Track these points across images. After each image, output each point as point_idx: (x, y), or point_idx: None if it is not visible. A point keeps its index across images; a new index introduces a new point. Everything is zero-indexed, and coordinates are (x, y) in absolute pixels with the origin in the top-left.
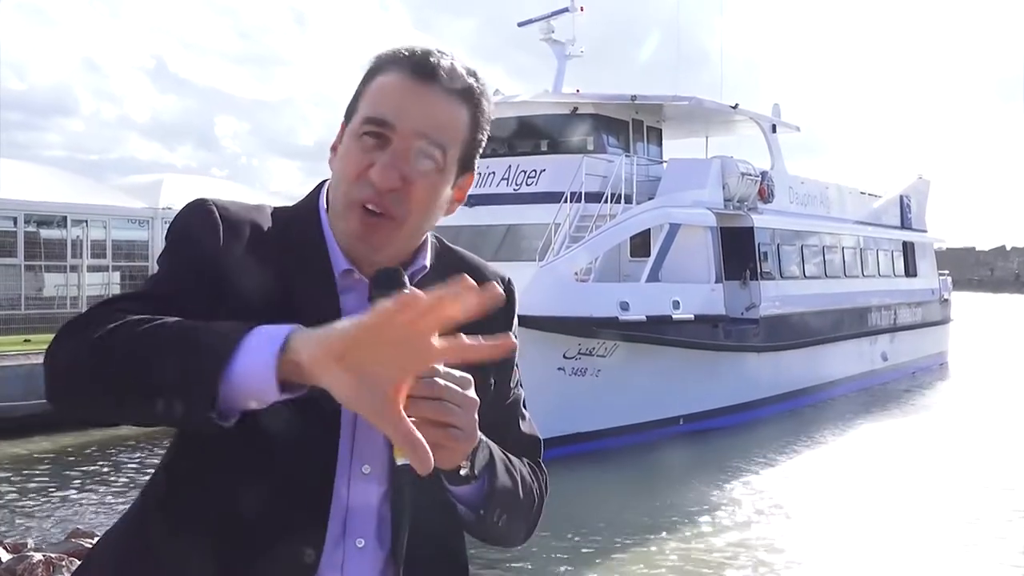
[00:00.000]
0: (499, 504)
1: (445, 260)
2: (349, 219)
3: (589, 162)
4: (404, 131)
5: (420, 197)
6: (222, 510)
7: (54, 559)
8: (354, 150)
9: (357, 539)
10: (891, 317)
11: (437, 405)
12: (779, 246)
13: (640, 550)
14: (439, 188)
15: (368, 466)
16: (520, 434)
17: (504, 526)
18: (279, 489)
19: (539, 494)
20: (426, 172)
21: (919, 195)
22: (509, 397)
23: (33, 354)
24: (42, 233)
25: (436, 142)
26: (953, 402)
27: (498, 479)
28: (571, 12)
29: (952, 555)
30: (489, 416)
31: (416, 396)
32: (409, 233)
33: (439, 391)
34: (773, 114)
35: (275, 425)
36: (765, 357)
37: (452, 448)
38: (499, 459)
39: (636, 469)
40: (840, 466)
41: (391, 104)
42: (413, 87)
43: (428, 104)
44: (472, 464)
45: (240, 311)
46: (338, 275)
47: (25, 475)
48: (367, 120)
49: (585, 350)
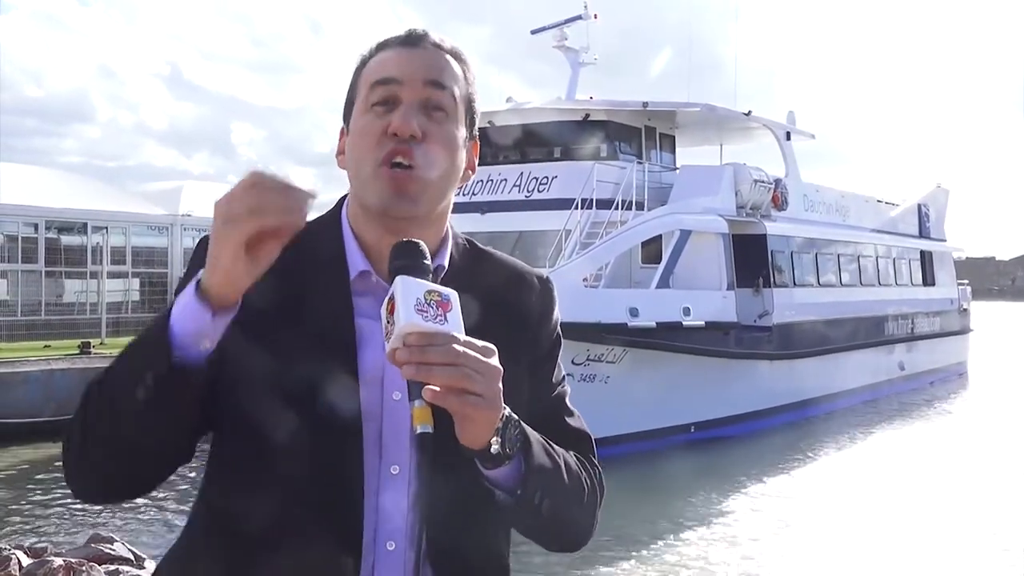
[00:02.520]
0: (539, 484)
1: (472, 260)
2: (379, 181)
3: (600, 169)
4: (411, 81)
5: (441, 144)
6: (260, 529)
7: (74, 564)
8: (368, 122)
9: (388, 542)
10: (908, 326)
11: (455, 371)
12: (793, 254)
13: (648, 559)
14: (456, 136)
15: (396, 466)
16: (568, 428)
17: (548, 511)
18: (312, 499)
19: (590, 484)
20: (440, 120)
21: (938, 204)
22: (554, 390)
23: (53, 359)
24: (63, 239)
25: (443, 85)
26: (971, 412)
27: (535, 458)
28: (585, 19)
29: (966, 565)
30: (534, 411)
31: (434, 363)
32: (436, 184)
33: (457, 357)
34: (788, 121)
35: (297, 435)
36: (778, 365)
37: (475, 417)
38: (535, 439)
39: (645, 477)
40: (852, 477)
41: (392, 65)
42: (408, 50)
43: (426, 57)
44: (503, 441)
45: (251, 314)
46: (353, 278)
47: (44, 480)
48: (374, 84)
49: (594, 356)
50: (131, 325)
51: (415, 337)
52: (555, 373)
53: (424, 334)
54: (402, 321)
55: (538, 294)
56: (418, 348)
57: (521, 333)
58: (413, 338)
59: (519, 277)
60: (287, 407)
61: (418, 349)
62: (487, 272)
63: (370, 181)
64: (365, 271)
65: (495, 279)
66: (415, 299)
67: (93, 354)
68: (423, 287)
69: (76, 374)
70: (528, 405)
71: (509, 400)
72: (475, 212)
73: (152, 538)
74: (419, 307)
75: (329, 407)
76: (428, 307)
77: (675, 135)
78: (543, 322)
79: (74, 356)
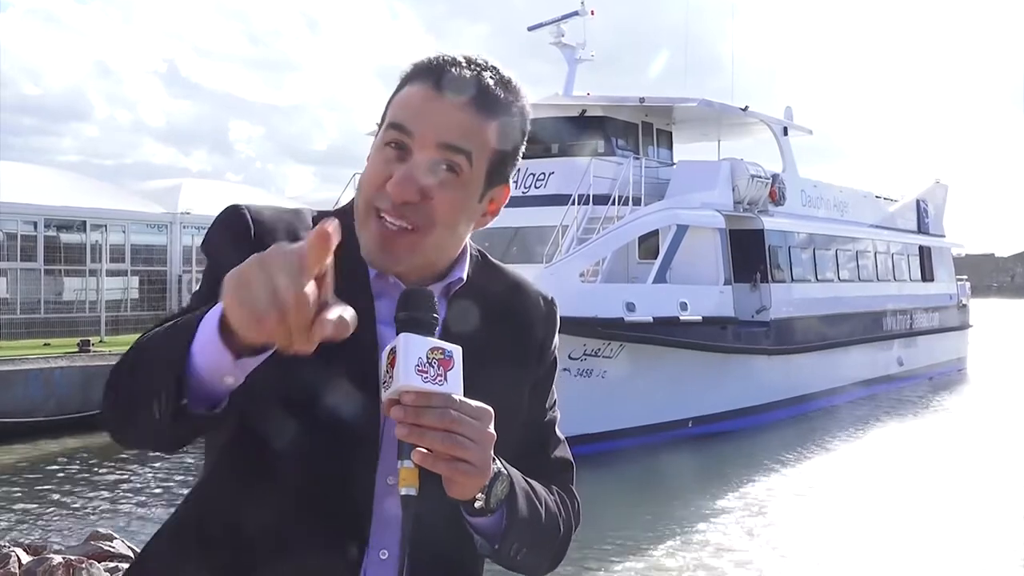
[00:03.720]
0: (517, 538)
1: (485, 274)
2: (369, 228)
3: (597, 164)
4: (423, 140)
5: (441, 210)
6: (263, 532)
7: (74, 561)
8: (377, 160)
9: (381, 551)
10: (907, 322)
11: (447, 437)
12: (791, 249)
13: (645, 554)
14: (462, 201)
15: (392, 477)
16: (552, 459)
17: (523, 559)
18: (320, 504)
19: (566, 524)
20: (445, 184)
21: (936, 200)
22: (545, 416)
23: (52, 357)
24: (62, 237)
25: (459, 149)
26: (970, 408)
27: (518, 512)
28: (582, 16)
29: (965, 562)
30: (522, 437)
31: (428, 427)
32: (433, 245)
33: (450, 423)
34: (785, 117)
35: (314, 441)
36: (776, 360)
37: (462, 483)
38: (520, 491)
39: (642, 472)
40: (850, 472)
41: (412, 112)
42: (436, 97)
43: (449, 113)
44: (488, 497)
45: None
46: (372, 278)
47: (43, 478)
48: (389, 127)
49: (591, 351)
50: (130, 323)
51: (411, 397)
52: (548, 398)
53: (421, 394)
54: (400, 381)
55: (543, 315)
56: (413, 409)
57: (525, 351)
58: (409, 398)
59: (527, 296)
60: (304, 412)
61: (413, 410)
62: (499, 287)
63: (363, 220)
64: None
65: (506, 295)
66: (416, 359)
67: (92, 352)
68: (426, 345)
69: (75, 372)
70: (522, 426)
71: (508, 420)
72: None
73: None
74: (420, 367)
75: (348, 412)
76: (429, 367)
77: (672, 131)
78: (545, 344)
79: (73, 354)
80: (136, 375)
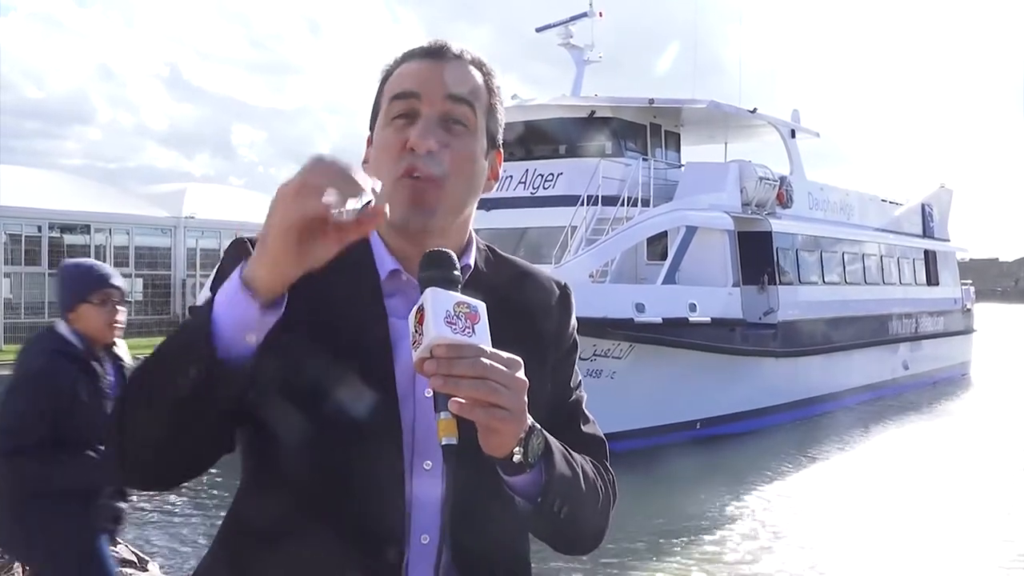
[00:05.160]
0: (558, 493)
1: (494, 264)
2: (398, 193)
3: (606, 166)
4: (430, 96)
5: (458, 157)
6: (301, 525)
7: None
8: (388, 136)
9: (422, 535)
10: (912, 326)
11: (482, 384)
12: (798, 251)
13: (653, 555)
14: (475, 151)
15: (429, 461)
16: (583, 434)
17: (567, 518)
18: (353, 496)
19: (605, 494)
20: (459, 134)
21: (941, 204)
22: (571, 396)
23: None
24: (66, 240)
25: (463, 99)
26: (974, 412)
27: (556, 467)
28: (590, 17)
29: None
30: (551, 416)
31: (462, 376)
32: (454, 196)
33: (483, 370)
34: (792, 119)
35: (338, 435)
36: (783, 362)
37: (500, 430)
38: (556, 448)
39: (650, 473)
40: (856, 475)
41: (415, 78)
42: (430, 63)
43: (447, 69)
44: (525, 451)
45: (285, 314)
46: (384, 278)
47: None
48: (394, 98)
49: (600, 351)
50: (134, 326)
51: (443, 349)
52: (572, 378)
53: (453, 346)
54: (432, 334)
55: (558, 299)
56: (446, 360)
57: (542, 337)
58: (441, 350)
59: (539, 282)
60: (326, 407)
61: (446, 362)
62: (508, 276)
63: (391, 191)
64: (395, 270)
65: (516, 283)
66: (445, 311)
67: None
68: (453, 299)
69: None
70: (547, 408)
71: (531, 404)
72: (480, 209)
73: (155, 540)
74: (448, 319)
75: (369, 406)
76: (457, 319)
77: (680, 132)
78: (563, 327)
79: None
80: (152, 372)
